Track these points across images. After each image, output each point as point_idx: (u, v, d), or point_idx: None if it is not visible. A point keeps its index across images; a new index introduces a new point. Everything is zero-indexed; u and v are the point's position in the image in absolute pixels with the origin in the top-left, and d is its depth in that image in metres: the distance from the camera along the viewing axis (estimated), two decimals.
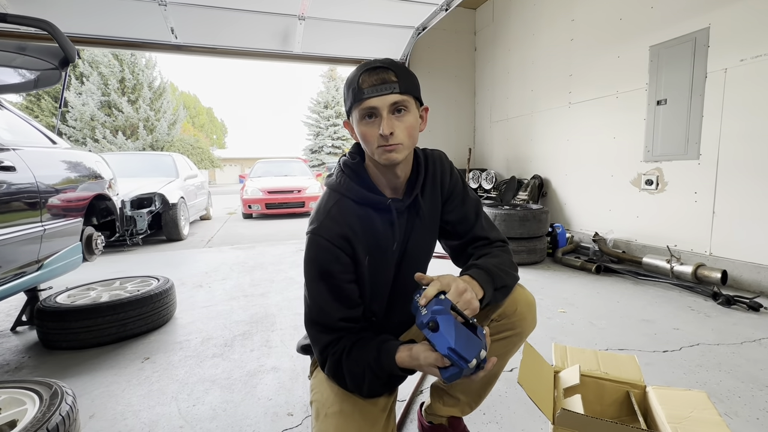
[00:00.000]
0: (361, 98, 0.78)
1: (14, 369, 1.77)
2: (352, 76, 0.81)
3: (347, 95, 0.82)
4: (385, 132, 0.77)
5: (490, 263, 0.87)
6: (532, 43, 4.54)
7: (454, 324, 0.68)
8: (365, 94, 0.77)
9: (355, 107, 0.80)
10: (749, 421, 1.28)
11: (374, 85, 0.77)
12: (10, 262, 1.73)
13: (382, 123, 0.77)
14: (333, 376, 0.84)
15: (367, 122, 0.80)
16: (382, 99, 0.77)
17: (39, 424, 0.93)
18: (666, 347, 1.82)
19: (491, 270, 0.85)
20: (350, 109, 0.83)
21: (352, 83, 0.80)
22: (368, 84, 0.77)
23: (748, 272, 2.59)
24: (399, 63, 0.83)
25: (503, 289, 0.87)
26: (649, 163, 3.22)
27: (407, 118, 0.80)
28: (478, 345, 0.68)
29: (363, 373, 0.80)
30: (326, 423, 0.81)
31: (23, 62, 2.23)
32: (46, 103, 15.85)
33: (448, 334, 0.67)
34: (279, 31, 4.31)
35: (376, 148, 0.80)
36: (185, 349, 1.92)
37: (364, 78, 0.78)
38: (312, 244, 0.84)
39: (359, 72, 0.80)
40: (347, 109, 0.84)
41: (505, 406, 1.38)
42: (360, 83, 0.78)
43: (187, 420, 1.35)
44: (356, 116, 0.81)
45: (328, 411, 0.83)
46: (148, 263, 3.96)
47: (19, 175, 1.82)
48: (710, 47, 2.71)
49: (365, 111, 0.79)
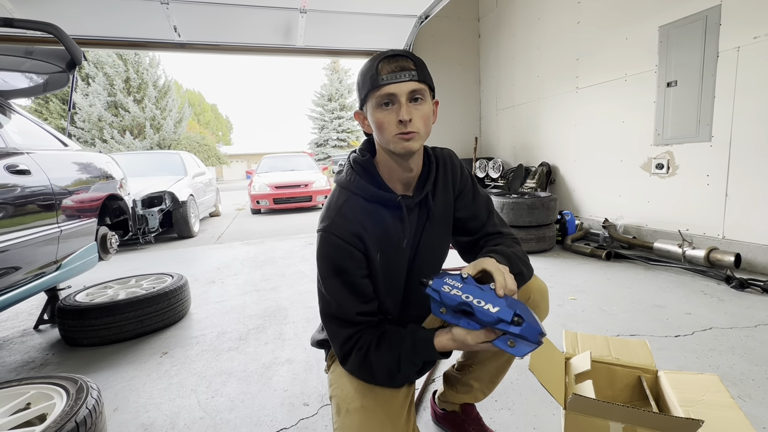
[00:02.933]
0: (380, 84, 0.77)
1: (39, 366, 1.83)
2: (368, 64, 0.81)
3: (363, 83, 0.81)
4: (405, 118, 0.76)
5: (507, 250, 0.88)
6: (538, 27, 4.45)
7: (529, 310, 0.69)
8: (384, 81, 0.77)
9: (372, 94, 0.79)
10: (762, 403, 1.28)
11: (393, 72, 0.77)
12: (30, 263, 1.79)
13: (401, 109, 0.77)
14: (358, 371, 0.84)
15: (384, 109, 0.79)
16: (400, 86, 0.77)
17: (68, 417, 0.98)
18: (678, 332, 1.81)
19: (510, 255, 0.85)
20: (366, 97, 0.81)
21: (369, 71, 0.79)
22: (387, 71, 0.77)
23: (762, 255, 2.55)
24: (415, 55, 0.83)
25: (518, 276, 0.86)
26: (659, 147, 3.17)
27: (423, 108, 0.80)
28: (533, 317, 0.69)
29: (398, 362, 0.80)
30: (348, 419, 0.82)
31: (31, 66, 2.26)
32: (54, 106, 16.05)
33: (534, 323, 0.67)
34: (281, 25, 4.29)
35: (393, 136, 0.79)
36: (201, 343, 1.97)
37: (382, 65, 0.78)
38: (324, 242, 0.84)
39: (377, 60, 0.79)
40: (362, 98, 0.83)
41: (517, 392, 1.40)
42: (378, 70, 0.77)
43: (207, 411, 1.40)
44: (372, 103, 0.80)
45: (350, 407, 0.83)
46: (161, 261, 4.03)
47: (34, 179, 1.86)
48: (722, 25, 2.63)
49: (383, 98, 0.78)
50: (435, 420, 1.27)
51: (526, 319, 0.67)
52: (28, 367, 1.82)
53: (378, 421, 0.80)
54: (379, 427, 0.80)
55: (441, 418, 1.24)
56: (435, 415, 1.27)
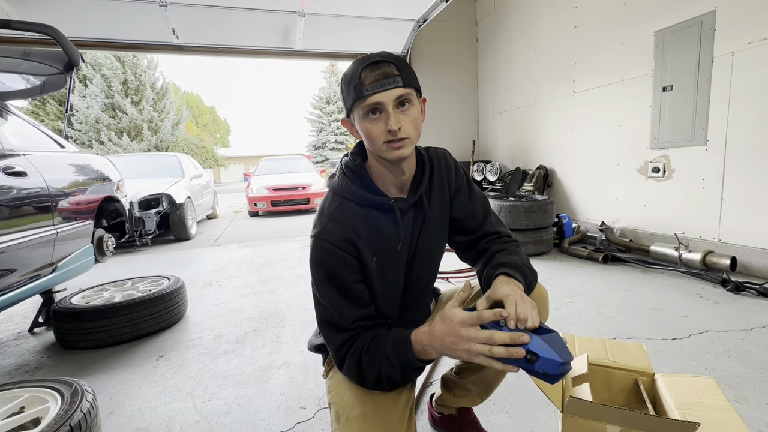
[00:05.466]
0: (365, 95, 0.75)
1: (34, 369, 1.82)
2: (351, 72, 0.78)
3: (347, 92, 0.79)
4: (394, 127, 0.75)
5: (516, 261, 0.86)
6: (535, 32, 4.49)
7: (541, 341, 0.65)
8: (369, 90, 0.75)
9: (358, 104, 0.77)
10: (759, 406, 1.28)
11: (377, 81, 0.75)
12: (26, 265, 1.77)
13: (390, 118, 0.75)
14: (355, 376, 0.82)
15: (371, 119, 0.78)
16: (386, 94, 0.75)
17: (62, 421, 0.97)
18: (674, 335, 1.82)
19: (521, 267, 0.84)
20: (351, 107, 0.80)
21: (353, 80, 0.77)
22: (371, 80, 0.75)
23: (758, 258, 2.57)
24: (397, 55, 0.80)
25: (530, 286, 0.86)
26: (655, 151, 3.19)
27: (412, 112, 0.79)
28: (561, 342, 0.66)
29: (379, 365, 0.78)
30: (348, 427, 0.80)
31: (29, 68, 2.26)
32: (51, 107, 15.99)
33: (551, 355, 0.64)
34: (279, 27, 4.31)
35: (383, 144, 0.78)
36: (198, 346, 1.96)
37: (366, 74, 0.75)
38: (317, 248, 0.84)
39: (359, 67, 0.76)
40: (348, 107, 0.81)
41: (514, 396, 1.40)
42: (362, 79, 0.75)
43: (203, 415, 1.39)
44: (359, 113, 0.79)
45: (350, 414, 0.81)
46: (158, 263, 4.01)
47: (31, 180, 1.85)
48: (716, 30, 2.66)
49: (369, 107, 0.77)
50: (432, 423, 1.27)
51: (541, 354, 0.64)
52: (22, 371, 1.81)
53: (378, 430, 0.79)
54: None
55: (438, 421, 1.24)
56: (432, 419, 1.27)
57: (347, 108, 0.82)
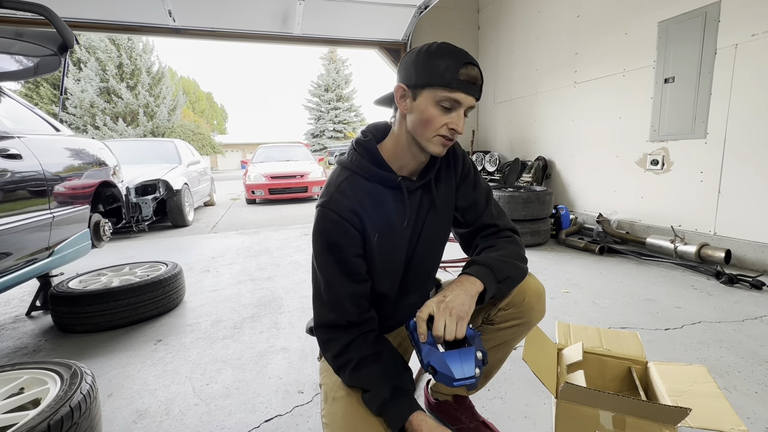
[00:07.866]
0: (453, 87, 0.77)
1: (32, 352, 1.82)
2: (445, 56, 0.77)
3: (430, 70, 0.77)
4: (461, 131, 0.81)
5: (491, 257, 0.87)
6: (537, 21, 4.43)
7: (445, 357, 0.73)
8: (460, 86, 0.77)
9: (438, 89, 0.77)
10: (747, 394, 1.31)
11: (469, 82, 0.78)
12: (22, 249, 1.77)
13: (459, 121, 0.80)
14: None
15: (442, 109, 0.79)
16: (468, 98, 0.79)
17: (62, 402, 0.97)
18: (668, 325, 1.85)
19: (491, 264, 0.85)
20: (425, 86, 0.78)
21: (448, 67, 0.76)
22: (465, 78, 0.77)
23: (752, 251, 2.60)
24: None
25: (507, 281, 0.87)
26: (655, 143, 3.19)
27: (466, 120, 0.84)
28: (471, 359, 0.73)
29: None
30: (334, 406, 0.84)
31: (21, 48, 2.20)
32: (45, 90, 15.76)
33: (447, 371, 0.71)
34: (278, 12, 4.23)
35: (434, 137, 0.81)
36: (196, 331, 1.97)
37: (465, 70, 0.77)
38: (321, 217, 0.85)
39: (459, 60, 0.77)
40: (420, 83, 0.79)
41: (510, 382, 1.42)
42: (459, 71, 0.77)
43: (202, 398, 1.40)
44: (431, 96, 0.78)
45: (336, 395, 0.85)
46: (155, 249, 4.01)
47: (26, 163, 1.83)
48: (721, 22, 2.64)
49: (448, 100, 0.78)
50: (428, 409, 1.29)
51: (439, 369, 0.72)
52: (20, 353, 1.82)
53: (362, 409, 0.82)
54: (362, 414, 0.81)
55: (434, 407, 1.26)
56: (428, 404, 1.29)
57: (416, 83, 0.80)
